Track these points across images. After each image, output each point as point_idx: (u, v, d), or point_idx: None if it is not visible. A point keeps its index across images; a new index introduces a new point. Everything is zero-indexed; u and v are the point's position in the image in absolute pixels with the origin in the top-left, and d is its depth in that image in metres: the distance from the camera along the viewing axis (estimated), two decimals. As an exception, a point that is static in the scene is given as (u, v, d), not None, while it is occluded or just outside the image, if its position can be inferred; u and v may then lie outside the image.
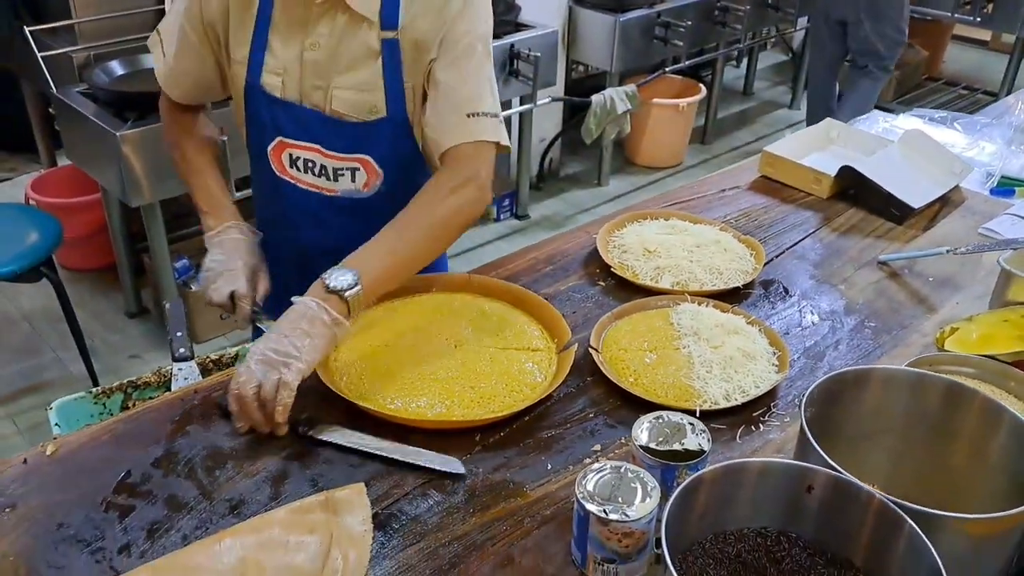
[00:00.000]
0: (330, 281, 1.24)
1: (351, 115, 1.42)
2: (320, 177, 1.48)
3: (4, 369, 3.12)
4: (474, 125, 1.38)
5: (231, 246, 1.45)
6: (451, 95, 1.38)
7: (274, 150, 1.49)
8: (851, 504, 0.93)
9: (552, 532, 1.09)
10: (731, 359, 1.32)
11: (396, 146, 1.45)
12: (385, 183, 1.48)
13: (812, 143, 2.08)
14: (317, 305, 1.22)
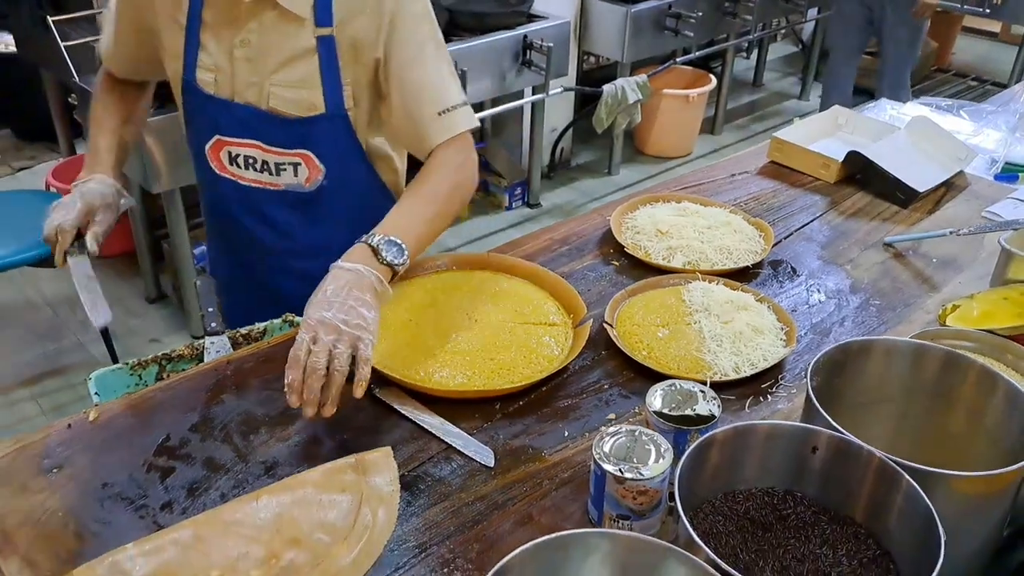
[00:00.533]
0: (384, 253, 1.24)
1: (289, 112, 1.42)
2: (263, 172, 1.48)
3: (28, 353, 3.19)
4: (447, 121, 1.40)
5: (82, 190, 1.45)
6: (419, 97, 1.39)
7: (212, 148, 1.49)
8: (852, 463, 0.99)
9: (569, 493, 1.14)
10: (740, 334, 1.37)
11: (336, 142, 1.46)
12: (327, 178, 1.49)
13: (820, 129, 2.13)
14: (375, 277, 1.21)
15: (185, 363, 1.41)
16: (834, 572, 0.96)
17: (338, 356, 1.13)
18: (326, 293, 1.18)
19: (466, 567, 1.03)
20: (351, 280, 1.19)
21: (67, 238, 1.42)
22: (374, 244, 1.25)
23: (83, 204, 1.43)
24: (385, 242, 1.25)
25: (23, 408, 2.93)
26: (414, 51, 1.39)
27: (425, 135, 1.41)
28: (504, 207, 4.31)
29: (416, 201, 1.37)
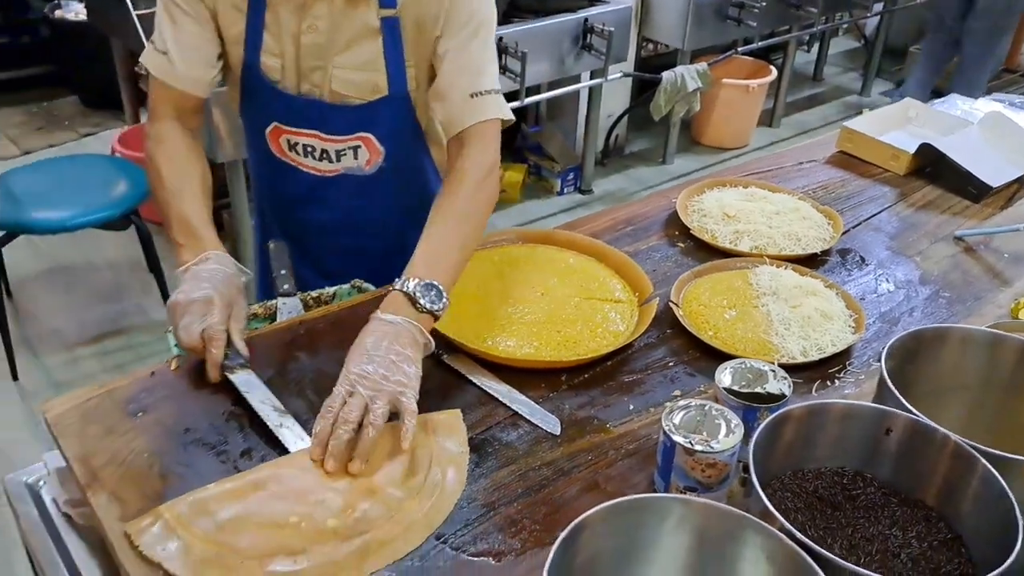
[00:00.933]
0: (424, 302, 1.18)
1: (352, 95, 1.41)
2: (321, 160, 1.48)
3: (90, 313, 3.27)
4: (479, 104, 1.37)
5: (205, 277, 1.25)
6: (457, 77, 1.37)
7: (271, 134, 1.48)
8: (927, 446, 0.99)
9: (635, 464, 1.16)
10: (809, 318, 1.37)
11: (398, 124, 1.46)
12: (387, 160, 1.48)
13: (890, 121, 2.11)
14: (416, 328, 1.16)
15: (259, 321, 1.45)
16: (903, 553, 0.97)
17: (374, 411, 1.08)
18: (366, 347, 1.13)
19: (533, 527, 1.05)
20: (391, 333, 1.15)
21: (221, 346, 1.20)
22: (410, 292, 1.19)
23: (221, 299, 1.22)
24: (421, 288, 1.19)
25: (85, 365, 3.01)
26: (464, 31, 1.37)
27: (454, 114, 1.37)
28: (556, 192, 4.31)
29: (446, 227, 1.30)
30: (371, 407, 1.08)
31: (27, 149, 4.43)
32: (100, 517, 1.00)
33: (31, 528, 1.15)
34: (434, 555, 1.01)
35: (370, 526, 1.02)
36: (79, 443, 1.10)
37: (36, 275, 3.48)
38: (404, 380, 1.12)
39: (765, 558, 0.86)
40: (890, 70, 5.78)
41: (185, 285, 1.24)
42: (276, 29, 1.38)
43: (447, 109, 1.38)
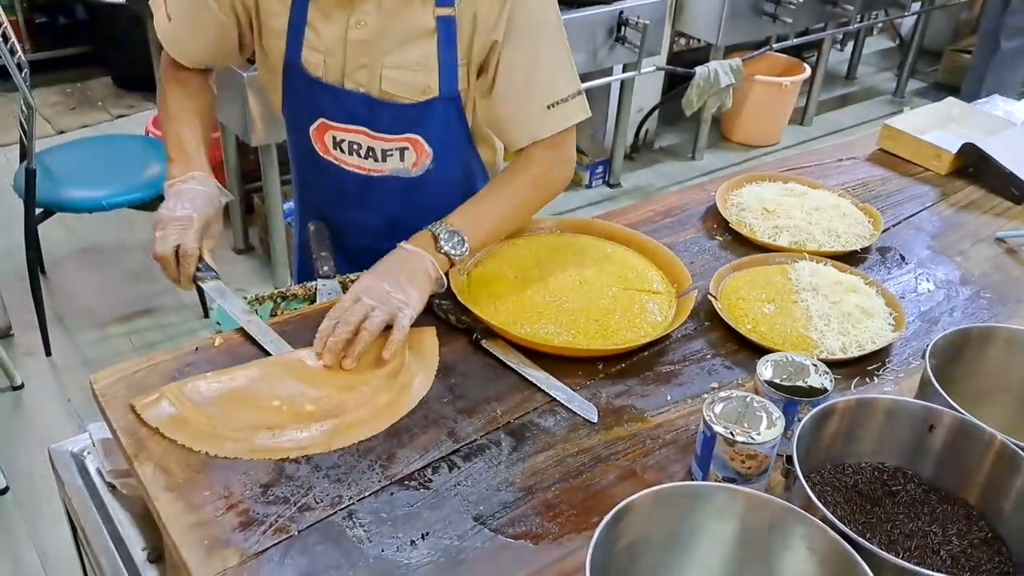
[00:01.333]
0: (444, 243, 1.30)
1: (402, 95, 1.37)
2: (367, 159, 1.44)
3: (121, 292, 3.31)
4: (555, 116, 1.36)
5: (188, 196, 1.31)
6: (528, 87, 1.34)
7: (316, 131, 1.45)
8: (972, 444, 0.99)
9: (672, 454, 1.16)
10: (849, 315, 1.36)
11: (447, 125, 1.43)
12: (434, 162, 1.45)
13: (931, 120, 2.09)
14: (430, 262, 1.28)
15: (298, 302, 1.46)
16: (943, 551, 0.97)
17: (372, 318, 1.20)
18: (381, 264, 1.28)
19: (570, 512, 1.06)
20: (405, 259, 1.28)
21: (193, 263, 1.30)
22: (436, 232, 1.31)
23: (199, 219, 1.30)
24: (447, 232, 1.31)
25: (116, 343, 3.05)
26: (531, 36, 1.33)
27: (524, 127, 1.37)
28: (584, 185, 4.31)
29: (496, 196, 1.39)
30: (370, 314, 1.20)
31: (62, 129, 4.48)
32: (146, 487, 1.02)
33: (75, 497, 1.17)
34: (472, 535, 1.02)
35: (342, 411, 1.16)
36: (126, 414, 1.11)
37: (70, 254, 3.52)
38: (405, 299, 1.23)
39: (807, 548, 0.87)
40: (925, 71, 5.72)
41: (169, 202, 1.32)
42: (320, 24, 1.34)
43: (519, 118, 1.38)
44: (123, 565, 1.09)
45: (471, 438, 1.15)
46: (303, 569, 0.95)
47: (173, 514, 0.99)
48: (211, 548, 0.96)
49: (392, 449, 1.12)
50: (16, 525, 2.36)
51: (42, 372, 2.91)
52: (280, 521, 1.00)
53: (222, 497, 1.02)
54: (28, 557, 2.28)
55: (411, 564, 0.97)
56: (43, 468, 2.48)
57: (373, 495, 1.05)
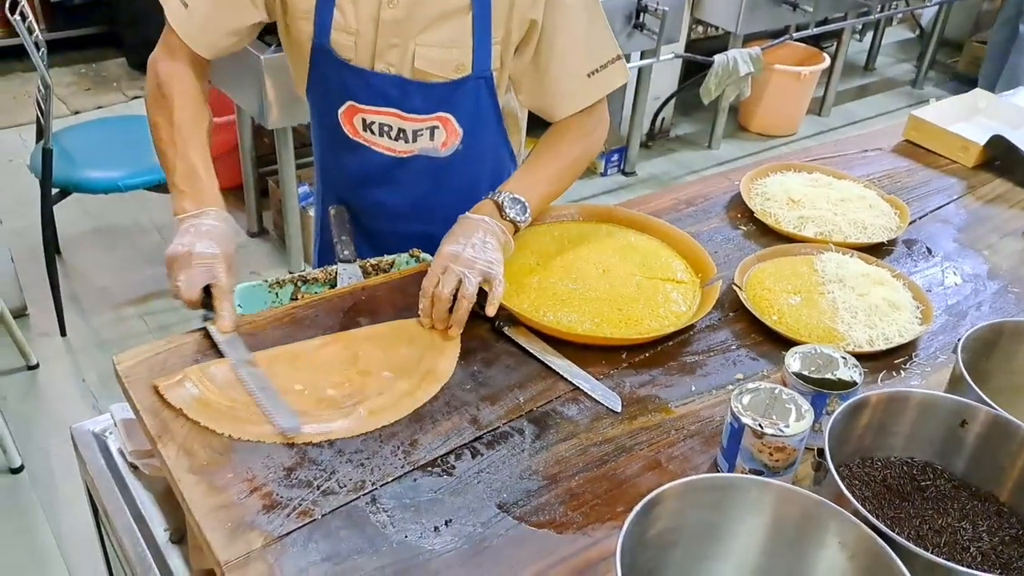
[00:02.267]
0: (509, 210, 1.33)
1: (435, 74, 1.35)
2: (397, 140, 1.43)
3: (137, 274, 3.31)
4: (596, 83, 1.39)
5: (207, 233, 1.21)
6: (568, 58, 1.35)
7: (345, 114, 1.42)
8: (1005, 440, 0.98)
9: (697, 445, 1.15)
10: (876, 307, 1.35)
11: (479, 104, 1.41)
12: (464, 142, 1.44)
13: (958, 112, 2.06)
14: (499, 228, 1.30)
15: (319, 286, 1.45)
16: (973, 547, 0.95)
17: (467, 283, 1.22)
18: (456, 233, 1.27)
19: (594, 502, 1.05)
20: (480, 225, 1.28)
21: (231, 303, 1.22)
22: (500, 200, 1.32)
23: (226, 259, 1.21)
24: (510, 199, 1.33)
25: (131, 325, 3.05)
26: (569, 8, 1.34)
27: (565, 97, 1.40)
28: (599, 173, 4.29)
29: (543, 162, 1.41)
30: (464, 281, 1.21)
31: (77, 109, 4.48)
32: (170, 468, 1.02)
33: (97, 477, 1.17)
34: (496, 523, 1.01)
35: (364, 396, 1.15)
36: (150, 395, 1.11)
37: (85, 234, 3.53)
38: (491, 258, 1.24)
39: (838, 543, 0.86)
40: (945, 62, 5.67)
41: (185, 237, 1.20)
42: (349, 5, 1.31)
43: (560, 91, 1.40)
44: (145, 545, 1.09)
45: (494, 425, 1.15)
46: (327, 553, 0.95)
47: (197, 496, 0.99)
48: (235, 530, 0.95)
49: (415, 435, 1.12)
50: (31, 504, 2.37)
51: (57, 352, 2.91)
52: (304, 505, 1.00)
53: (245, 480, 1.02)
54: (43, 535, 2.28)
55: (435, 550, 0.97)
56: (58, 447, 2.50)
57: (396, 480, 1.05)
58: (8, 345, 2.78)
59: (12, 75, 4.76)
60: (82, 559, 2.20)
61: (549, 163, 1.42)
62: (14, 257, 2.98)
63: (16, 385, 2.76)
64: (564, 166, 1.43)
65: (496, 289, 1.24)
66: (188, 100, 1.33)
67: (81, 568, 2.19)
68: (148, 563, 1.06)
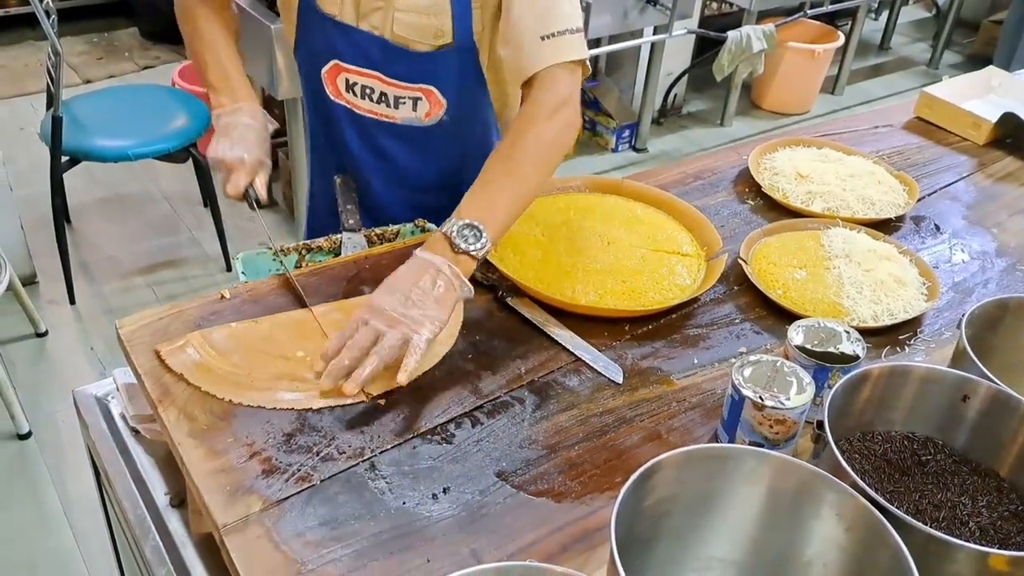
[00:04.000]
0: (460, 242, 1.14)
1: (415, 40, 1.35)
2: (379, 104, 1.42)
3: (145, 243, 3.32)
4: (553, 47, 1.27)
5: (240, 134, 1.35)
6: (525, 16, 1.28)
7: (328, 73, 1.42)
8: (1006, 416, 0.97)
9: (698, 417, 1.15)
10: (882, 283, 1.34)
11: (462, 75, 1.40)
12: (448, 113, 1.43)
13: (971, 89, 2.04)
14: (450, 269, 1.13)
15: (323, 255, 1.45)
16: (972, 522, 0.95)
17: (383, 342, 1.08)
18: (395, 278, 1.14)
19: (593, 471, 1.05)
20: (419, 271, 1.13)
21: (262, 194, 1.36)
22: (449, 233, 1.15)
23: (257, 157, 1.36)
24: (460, 228, 1.15)
25: (139, 294, 3.06)
26: None
27: (523, 58, 1.29)
28: (610, 148, 4.27)
29: (502, 171, 1.23)
30: (381, 338, 1.08)
31: (88, 79, 4.48)
32: (170, 432, 1.02)
33: (99, 440, 1.17)
34: (494, 491, 1.01)
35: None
36: (151, 359, 1.11)
37: (95, 203, 3.53)
38: (422, 318, 1.09)
39: (835, 514, 0.85)
40: (961, 42, 5.61)
41: (226, 140, 1.34)
42: None
43: (517, 54, 1.31)
44: (145, 509, 1.09)
45: (495, 395, 1.15)
46: (325, 517, 0.95)
47: (196, 460, 0.99)
48: (233, 494, 0.96)
49: (415, 403, 1.12)
50: (38, 470, 2.39)
51: (66, 320, 2.93)
52: (303, 470, 1.00)
53: (245, 444, 1.02)
54: (50, 501, 2.31)
55: (432, 516, 0.97)
56: (65, 414, 2.52)
57: (395, 448, 1.05)
58: (17, 312, 2.80)
59: (24, 43, 4.76)
60: (87, 524, 2.23)
61: (510, 171, 1.23)
62: (24, 225, 2.99)
63: (25, 352, 2.78)
64: (528, 171, 1.24)
65: (408, 358, 1.08)
66: (213, 14, 1.43)
67: (87, 532, 2.21)
68: (147, 526, 1.07)
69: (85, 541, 2.20)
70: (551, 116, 1.26)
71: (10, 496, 2.32)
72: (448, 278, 1.12)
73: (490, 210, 1.18)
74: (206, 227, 3.29)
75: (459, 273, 1.13)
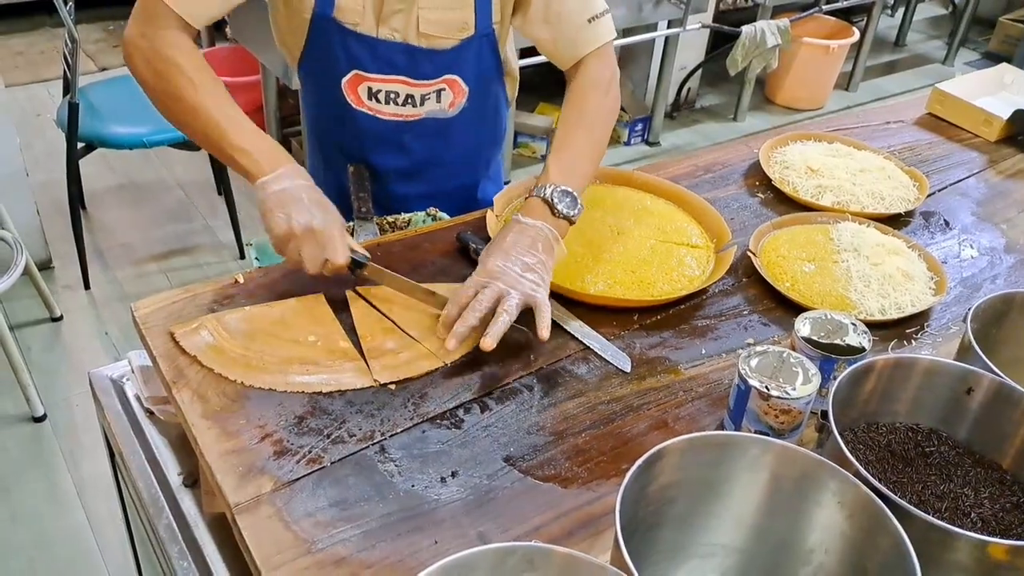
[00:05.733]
0: (561, 207, 1.25)
1: (440, 36, 1.35)
2: (405, 106, 1.42)
3: (159, 230, 3.35)
4: (596, 29, 1.38)
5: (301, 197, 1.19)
6: (567, 6, 1.36)
7: (349, 83, 1.39)
8: (1009, 408, 0.98)
9: (705, 407, 1.16)
10: (890, 277, 1.35)
11: (482, 62, 1.42)
12: (469, 100, 1.45)
13: (983, 86, 2.04)
14: (551, 233, 1.23)
15: (336, 241, 1.46)
16: (974, 513, 0.96)
17: (508, 300, 1.15)
18: (505, 243, 1.21)
19: (600, 458, 1.06)
20: (530, 236, 1.22)
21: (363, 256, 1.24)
22: (548, 198, 1.25)
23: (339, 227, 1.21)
24: (559, 193, 1.25)
25: (154, 280, 3.09)
26: None
27: (576, 43, 1.38)
28: (623, 142, 4.27)
29: (579, 133, 1.35)
30: (505, 298, 1.16)
31: (104, 66, 4.51)
32: (184, 413, 1.04)
33: (114, 421, 1.20)
34: (502, 476, 1.03)
35: (380, 354, 1.16)
36: (166, 342, 1.13)
37: (110, 189, 3.56)
38: (538, 280, 1.18)
39: (837, 503, 0.86)
40: (976, 40, 5.58)
41: (285, 209, 1.16)
42: None
43: (562, 37, 1.39)
44: (159, 488, 1.11)
45: (504, 381, 1.16)
46: (335, 499, 0.97)
47: (209, 440, 1.01)
48: (245, 474, 0.98)
49: (425, 388, 1.13)
50: (53, 453, 2.42)
51: (81, 305, 2.96)
52: (313, 452, 1.02)
53: (257, 426, 1.04)
54: (64, 482, 2.34)
55: (440, 499, 0.99)
56: (79, 398, 2.55)
57: (405, 432, 1.07)
58: (33, 297, 2.83)
59: (42, 30, 4.79)
60: (100, 505, 2.26)
61: (582, 138, 1.36)
62: (40, 210, 3.02)
63: (40, 336, 2.81)
64: (597, 137, 1.38)
65: (544, 313, 1.17)
66: (201, 65, 1.23)
67: (99, 513, 2.24)
68: (161, 505, 1.09)
69: (98, 521, 2.23)
70: (607, 90, 1.39)
71: (25, 477, 2.35)
72: (550, 241, 1.23)
73: (577, 176, 1.30)
74: (220, 215, 3.31)
75: (559, 236, 1.25)
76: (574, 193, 1.27)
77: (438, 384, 1.14)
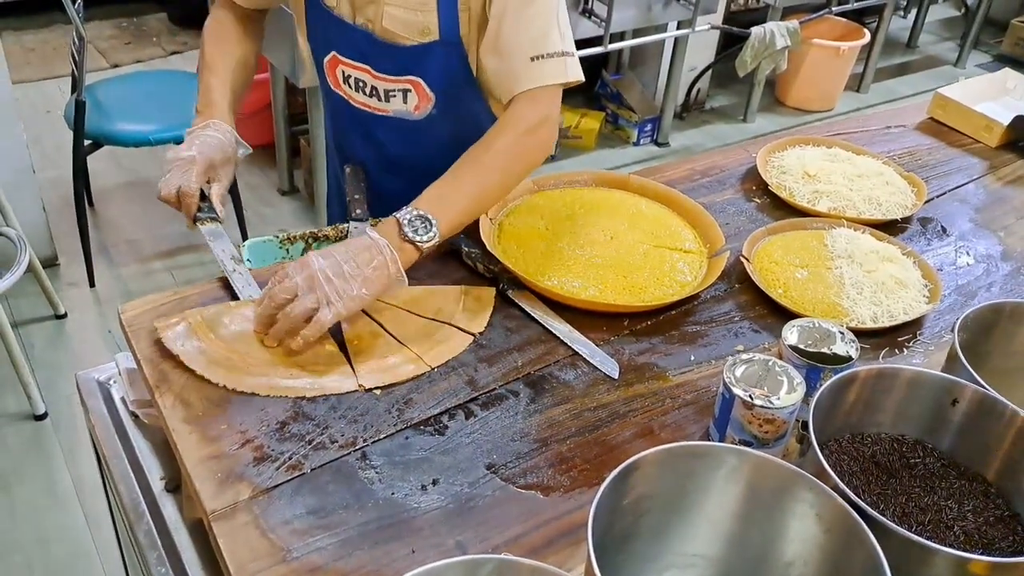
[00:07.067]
0: (409, 230, 1.18)
1: (402, 35, 1.37)
2: (371, 97, 1.46)
3: (166, 228, 3.35)
4: (539, 70, 1.30)
5: (199, 142, 1.34)
6: (514, 38, 1.31)
7: (328, 63, 1.47)
8: (993, 420, 0.97)
9: (691, 414, 1.15)
10: (883, 284, 1.34)
11: (448, 69, 1.41)
12: (437, 106, 1.44)
13: (985, 91, 2.02)
14: (389, 253, 1.16)
15: (329, 243, 1.46)
16: (957, 526, 0.95)
17: (296, 304, 1.12)
18: (337, 246, 1.17)
19: (583, 466, 1.06)
20: (365, 249, 1.16)
21: (193, 203, 1.34)
22: (400, 219, 1.18)
23: (202, 161, 1.33)
24: (412, 218, 1.19)
25: (159, 278, 3.10)
26: None
27: (509, 77, 1.32)
28: (632, 142, 4.26)
29: (472, 168, 1.27)
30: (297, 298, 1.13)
31: (115, 63, 4.53)
32: (165, 417, 1.04)
33: (99, 424, 1.20)
34: (483, 484, 1.02)
35: (367, 357, 1.16)
36: (151, 345, 1.13)
37: (117, 187, 3.58)
38: (341, 293, 1.13)
39: (815, 515, 0.86)
40: (989, 42, 5.53)
41: (181, 145, 1.35)
42: None
43: (503, 69, 1.33)
44: (140, 493, 1.11)
45: (490, 387, 1.16)
46: (313, 506, 0.97)
47: (190, 446, 1.01)
48: (224, 481, 0.98)
49: (410, 394, 1.13)
50: (53, 450, 2.43)
51: (85, 302, 2.97)
52: (294, 458, 1.02)
53: (239, 432, 1.04)
54: (63, 481, 2.35)
55: (420, 508, 0.98)
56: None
57: (388, 438, 1.07)
58: (37, 294, 2.84)
59: (54, 26, 4.81)
60: (98, 504, 2.26)
61: (477, 172, 1.28)
62: (46, 207, 3.04)
63: (44, 333, 2.83)
64: (493, 177, 1.29)
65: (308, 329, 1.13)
66: (220, 37, 1.48)
67: (97, 512, 2.25)
68: (142, 510, 1.09)
69: (95, 520, 2.24)
70: (529, 132, 1.30)
71: (25, 475, 2.36)
72: (384, 261, 1.16)
73: (447, 206, 1.23)
74: (226, 213, 3.31)
75: (397, 259, 1.16)
76: (432, 220, 1.19)
77: (424, 389, 1.14)
